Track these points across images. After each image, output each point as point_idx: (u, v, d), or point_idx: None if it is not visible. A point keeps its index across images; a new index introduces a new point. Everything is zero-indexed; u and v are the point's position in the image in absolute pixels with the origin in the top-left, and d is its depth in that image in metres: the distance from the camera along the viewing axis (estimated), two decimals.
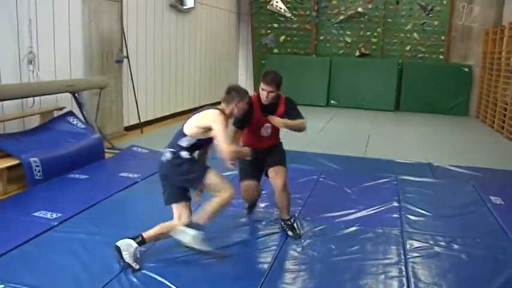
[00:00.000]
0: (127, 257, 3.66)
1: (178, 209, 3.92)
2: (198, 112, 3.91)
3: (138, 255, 3.73)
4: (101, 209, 4.90)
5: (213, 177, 3.81)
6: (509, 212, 5.18)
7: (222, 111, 3.90)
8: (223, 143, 3.68)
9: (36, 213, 4.64)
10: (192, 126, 3.85)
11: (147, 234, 3.79)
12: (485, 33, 13.22)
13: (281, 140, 4.75)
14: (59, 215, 4.61)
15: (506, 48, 11.21)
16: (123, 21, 8.62)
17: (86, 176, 5.94)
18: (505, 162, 7.90)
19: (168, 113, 10.70)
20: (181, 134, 3.89)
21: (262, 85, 4.42)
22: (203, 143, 3.93)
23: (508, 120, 10.32)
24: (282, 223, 4.49)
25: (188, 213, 3.91)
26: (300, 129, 4.52)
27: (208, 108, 3.92)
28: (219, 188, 3.81)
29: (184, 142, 3.87)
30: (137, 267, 3.66)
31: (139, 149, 7.39)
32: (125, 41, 8.67)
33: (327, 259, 3.97)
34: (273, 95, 4.40)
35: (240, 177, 4.54)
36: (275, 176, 4.45)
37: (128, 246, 3.70)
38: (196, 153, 4.02)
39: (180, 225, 3.84)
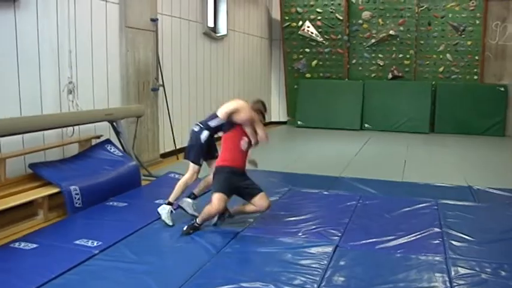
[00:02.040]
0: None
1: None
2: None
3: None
4: (140, 237, 4.92)
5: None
6: None
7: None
8: (261, 129, 5.24)
9: (77, 241, 4.68)
10: (222, 111, 5.18)
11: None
12: None
13: None
14: (100, 243, 4.64)
15: None
16: (159, 50, 8.75)
17: (125, 204, 5.98)
18: None
19: None
20: (214, 115, 5.31)
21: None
22: (229, 128, 5.19)
23: None
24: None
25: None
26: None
27: None
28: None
29: (213, 122, 5.29)
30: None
31: (176, 175, 7.40)
32: (161, 70, 8.80)
33: (370, 287, 3.90)
34: None
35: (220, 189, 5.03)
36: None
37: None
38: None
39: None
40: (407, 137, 12.67)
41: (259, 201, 5.14)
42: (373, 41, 14.17)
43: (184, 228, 5.01)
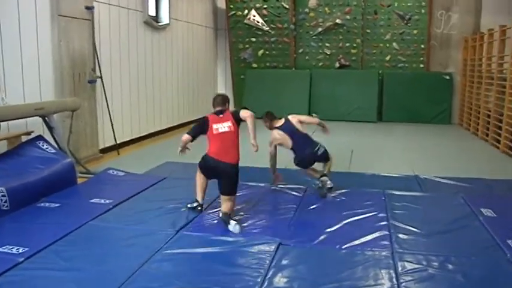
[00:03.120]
0: None
1: None
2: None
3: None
4: (71, 241, 4.55)
5: None
6: (502, 226, 4.95)
7: None
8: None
9: (0, 249, 4.29)
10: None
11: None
12: (464, 41, 13.15)
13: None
14: (26, 249, 4.25)
15: (487, 54, 11.11)
16: (96, 39, 8.31)
17: (57, 205, 5.58)
18: (493, 171, 7.74)
19: (145, 133, 10.38)
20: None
21: None
22: None
23: (492, 127, 10.17)
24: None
25: None
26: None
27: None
28: None
29: None
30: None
31: (115, 172, 7.05)
32: (98, 61, 8.37)
33: (315, 287, 3.69)
34: None
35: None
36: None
37: None
38: None
39: None
40: (355, 126, 12.61)
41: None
42: (319, 29, 14.06)
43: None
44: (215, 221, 5.05)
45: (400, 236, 4.68)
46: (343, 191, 6.18)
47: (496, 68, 10.34)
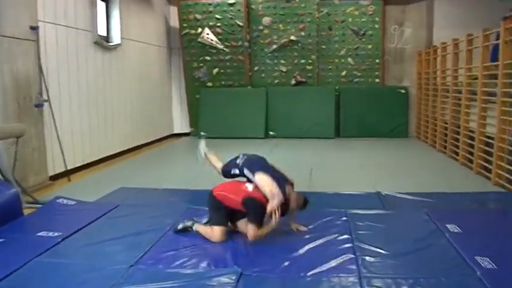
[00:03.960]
0: None
1: None
2: None
3: None
4: (15, 281, 4.15)
5: None
6: (469, 242, 4.82)
7: None
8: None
9: None
10: None
11: None
12: (418, 54, 13.25)
13: None
14: None
15: (441, 67, 11.18)
16: (42, 61, 7.92)
17: (2, 240, 5.14)
18: (454, 184, 7.71)
19: (98, 158, 9.96)
20: None
21: None
22: None
23: (450, 139, 10.19)
24: None
25: None
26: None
27: None
28: None
29: None
30: None
31: (65, 201, 6.63)
32: (45, 83, 7.97)
33: None
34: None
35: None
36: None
37: None
38: None
39: None
40: (313, 143, 12.49)
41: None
42: (274, 46, 13.96)
43: (179, 227, 5.23)
44: (171, 252, 4.73)
45: (367, 258, 4.47)
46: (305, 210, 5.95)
47: (451, 80, 10.39)
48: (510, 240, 5.00)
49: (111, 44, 10.60)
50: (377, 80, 13.96)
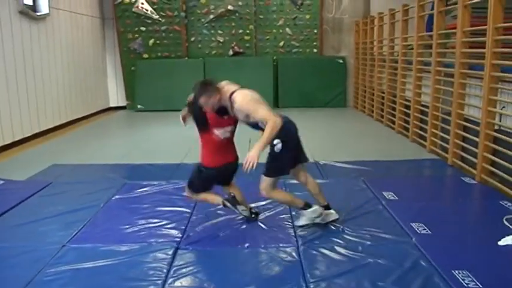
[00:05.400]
0: None
1: None
2: None
3: None
4: None
5: None
6: (404, 209, 4.91)
7: None
8: None
9: None
10: None
11: None
12: (355, 25, 13.30)
13: None
14: None
15: (378, 37, 11.27)
16: None
17: None
18: (390, 152, 7.83)
19: (29, 134, 9.54)
20: None
21: None
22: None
23: (387, 109, 10.34)
24: None
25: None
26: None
27: None
28: None
29: None
30: None
31: None
32: None
33: None
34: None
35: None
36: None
37: None
38: None
39: None
40: None
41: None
42: (211, 16, 13.74)
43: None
44: (106, 230, 4.57)
45: (304, 228, 4.45)
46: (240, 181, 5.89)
47: (387, 50, 10.48)
48: (444, 207, 5.13)
49: (38, 13, 10.07)
50: (315, 50, 13.97)
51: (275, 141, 4.15)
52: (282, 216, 4.81)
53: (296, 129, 4.55)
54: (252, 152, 3.90)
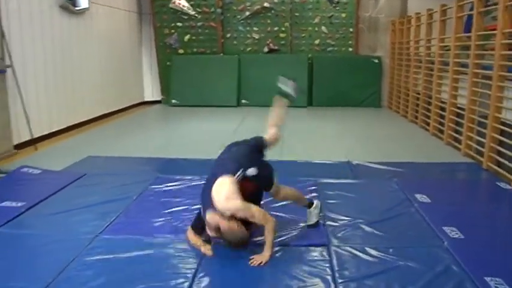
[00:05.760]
0: None
1: None
2: None
3: None
4: None
5: None
6: (437, 212, 4.83)
7: None
8: None
9: None
10: None
11: None
12: (392, 24, 13.17)
13: None
14: None
15: (414, 38, 11.14)
16: (3, 25, 7.62)
17: None
18: (424, 154, 7.72)
19: (66, 125, 9.74)
20: None
21: None
22: None
23: (421, 110, 10.21)
24: None
25: None
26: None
27: None
28: None
29: None
30: None
31: (31, 170, 6.45)
32: (7, 48, 7.69)
33: None
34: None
35: None
36: None
37: None
38: None
39: None
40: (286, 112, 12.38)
41: None
42: (247, 13, 13.75)
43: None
44: (138, 221, 4.64)
45: (335, 228, 4.45)
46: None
47: (423, 51, 10.36)
48: (478, 211, 5.03)
49: (78, 8, 10.25)
50: (350, 49, 13.88)
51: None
52: None
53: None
54: (266, 255, 3.80)
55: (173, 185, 5.75)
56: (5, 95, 7.72)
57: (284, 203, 4.84)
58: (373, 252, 3.94)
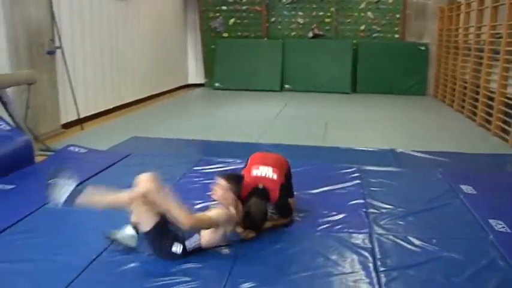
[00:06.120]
0: None
1: None
2: None
3: None
4: (25, 228, 4.16)
5: None
6: (483, 204, 4.73)
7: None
8: None
9: None
10: None
11: None
12: (440, 11, 12.86)
13: None
14: None
15: (463, 25, 10.86)
16: (54, 7, 7.77)
17: (12, 186, 5.15)
18: (470, 145, 7.57)
19: (111, 106, 9.92)
20: None
21: None
22: None
23: (469, 100, 9.97)
24: None
25: None
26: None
27: None
28: None
29: None
30: None
31: (77, 149, 6.61)
32: (57, 30, 7.85)
33: (286, 277, 3.39)
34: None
35: None
36: None
37: None
38: None
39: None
40: (329, 98, 12.34)
41: None
42: None
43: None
44: (183, 201, 4.69)
45: (378, 216, 4.41)
46: (315, 166, 5.89)
47: (473, 38, 10.08)
48: None
49: None
50: (396, 36, 13.61)
51: None
52: (355, 202, 4.76)
53: None
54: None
55: (215, 167, 5.79)
56: (54, 75, 7.90)
57: (324, 189, 4.81)
58: (416, 241, 3.89)
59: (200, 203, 4.69)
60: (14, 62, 7.03)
